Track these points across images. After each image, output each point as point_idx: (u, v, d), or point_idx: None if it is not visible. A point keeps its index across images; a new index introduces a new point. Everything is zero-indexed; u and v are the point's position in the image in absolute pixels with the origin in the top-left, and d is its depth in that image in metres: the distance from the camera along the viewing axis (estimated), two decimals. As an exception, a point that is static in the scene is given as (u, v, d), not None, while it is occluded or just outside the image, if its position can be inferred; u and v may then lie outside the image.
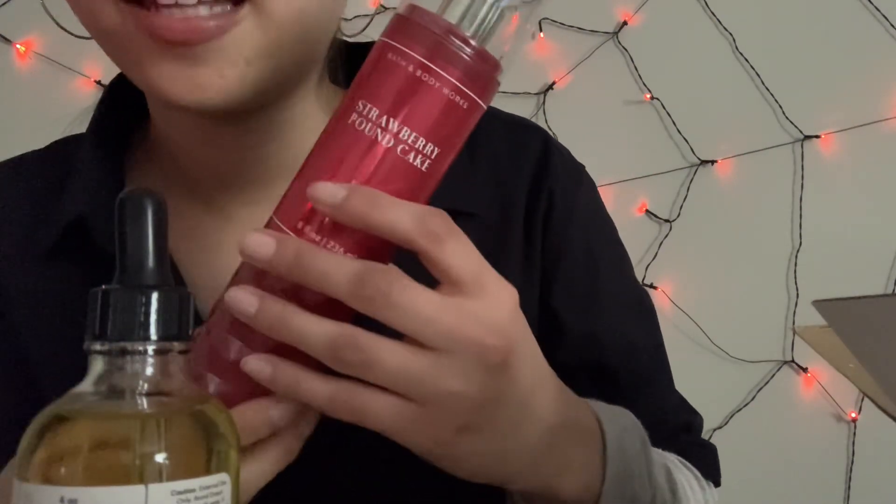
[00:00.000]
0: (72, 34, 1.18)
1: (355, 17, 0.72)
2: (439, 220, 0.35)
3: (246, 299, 0.35)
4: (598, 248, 0.58)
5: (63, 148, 0.58)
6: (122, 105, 0.55)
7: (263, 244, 0.35)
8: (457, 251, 0.35)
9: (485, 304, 0.35)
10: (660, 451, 0.54)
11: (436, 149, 0.36)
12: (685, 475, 0.53)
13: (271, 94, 0.47)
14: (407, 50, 0.36)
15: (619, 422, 0.47)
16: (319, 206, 0.35)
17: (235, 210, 0.53)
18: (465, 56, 0.36)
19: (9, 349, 0.53)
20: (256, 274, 0.37)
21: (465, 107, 0.36)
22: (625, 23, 1.31)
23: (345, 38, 0.57)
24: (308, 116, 0.53)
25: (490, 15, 0.36)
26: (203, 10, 0.41)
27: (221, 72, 0.42)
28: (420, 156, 0.36)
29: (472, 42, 0.36)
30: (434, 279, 0.35)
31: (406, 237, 0.34)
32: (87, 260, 0.51)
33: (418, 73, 0.35)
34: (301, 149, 0.52)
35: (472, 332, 0.34)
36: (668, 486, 0.50)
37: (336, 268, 0.34)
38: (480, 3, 0.36)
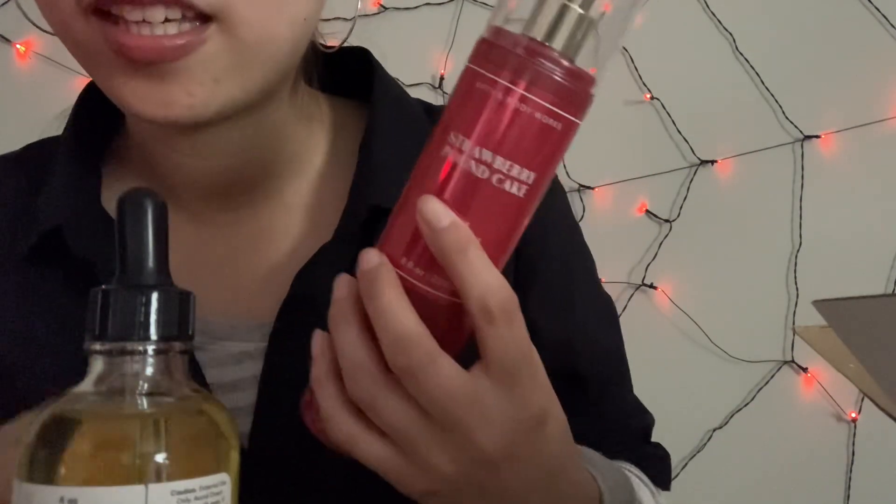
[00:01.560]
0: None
1: (355, 17, 0.72)
2: (499, 300, 0.34)
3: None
4: (571, 256, 0.59)
5: (39, 151, 0.57)
6: (98, 110, 0.55)
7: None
8: (503, 337, 0.34)
9: (506, 399, 0.35)
10: (626, 466, 0.55)
11: (532, 174, 0.35)
12: (646, 495, 0.53)
13: (242, 108, 0.46)
14: (494, 77, 0.34)
15: (611, 478, 0.47)
16: (419, 219, 0.35)
17: (212, 216, 0.53)
18: (555, 76, 0.34)
19: None
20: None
21: (559, 128, 0.35)
22: (625, 23, 1.31)
23: (320, 44, 0.56)
24: (283, 124, 0.52)
25: (578, 27, 0.35)
26: (171, 28, 0.40)
27: (189, 90, 0.42)
28: (517, 183, 0.35)
29: (562, 60, 0.35)
30: None
31: (465, 300, 0.34)
32: (65, 265, 0.51)
33: (508, 99, 0.34)
34: (276, 155, 0.53)
35: (475, 425, 0.35)
36: None
37: (391, 320, 0.35)
38: (567, 16, 0.35)
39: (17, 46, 1.25)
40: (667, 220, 1.32)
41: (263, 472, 0.49)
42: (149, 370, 0.31)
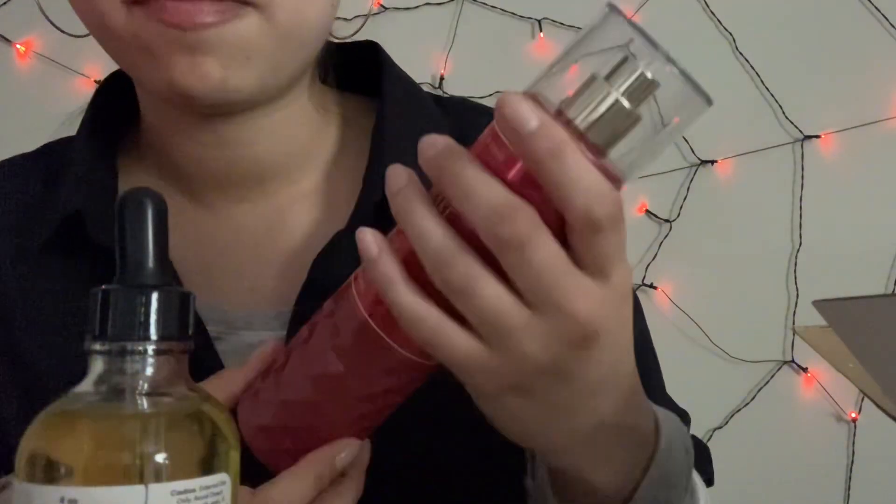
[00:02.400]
0: (69, 34, 1.18)
1: (355, 17, 0.72)
2: (607, 208, 0.32)
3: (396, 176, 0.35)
4: None
5: (54, 148, 0.59)
6: (113, 106, 0.56)
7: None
8: (610, 244, 0.33)
9: (598, 286, 0.34)
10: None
11: None
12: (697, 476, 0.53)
13: (268, 93, 0.49)
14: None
15: (670, 426, 0.46)
16: (500, 124, 0.32)
17: (226, 206, 0.54)
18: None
19: (5, 348, 0.53)
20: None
21: None
22: (625, 23, 1.31)
23: (333, 39, 0.57)
24: (300, 116, 0.54)
25: (614, 116, 0.32)
26: (206, 6, 0.43)
27: (223, 63, 0.44)
28: None
29: (590, 153, 0.32)
30: None
31: (565, 211, 0.32)
32: (83, 254, 0.51)
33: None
34: (293, 146, 0.54)
35: (571, 307, 0.33)
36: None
37: (487, 190, 0.32)
38: (614, 108, 0.32)
39: (17, 46, 1.25)
40: (667, 220, 1.32)
41: None
42: (149, 370, 0.31)
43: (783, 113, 1.31)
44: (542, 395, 0.36)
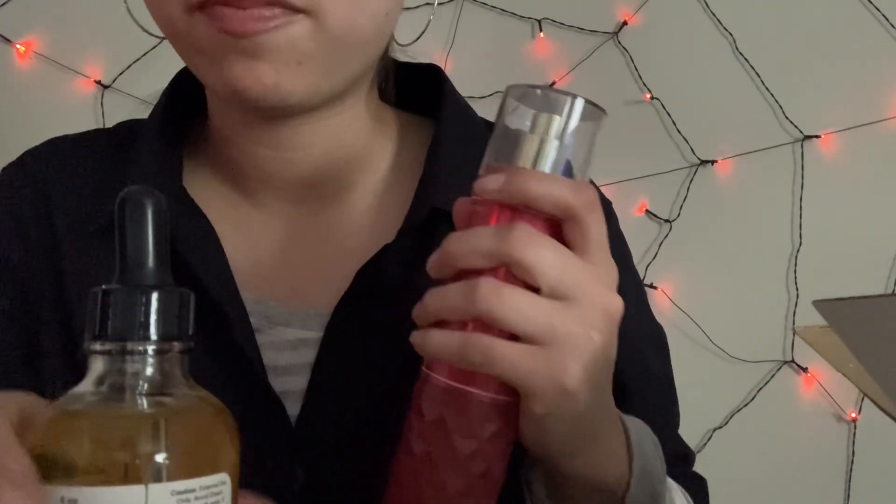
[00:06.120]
0: (73, 34, 1.18)
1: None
2: (591, 192, 0.39)
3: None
4: (623, 277, 0.59)
5: (128, 129, 0.60)
6: (184, 99, 0.58)
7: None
8: (598, 219, 0.40)
9: (603, 269, 0.40)
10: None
11: None
12: (679, 496, 0.53)
13: (322, 97, 0.50)
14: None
15: (634, 421, 0.48)
16: (487, 196, 0.40)
17: (279, 207, 0.56)
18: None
19: (60, 304, 0.54)
20: None
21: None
22: (625, 23, 1.31)
23: (395, 58, 0.60)
24: (357, 124, 0.55)
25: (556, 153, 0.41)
26: (258, 12, 0.45)
27: (276, 67, 0.46)
28: None
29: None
30: None
31: (564, 204, 0.39)
32: None
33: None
34: (348, 155, 0.56)
35: (595, 286, 0.39)
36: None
37: (472, 244, 0.39)
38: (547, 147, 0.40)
39: (17, 46, 1.25)
40: (667, 220, 1.32)
41: (308, 456, 0.51)
42: (149, 370, 0.31)
43: (783, 113, 1.31)
44: (595, 375, 0.39)
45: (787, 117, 1.31)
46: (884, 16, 1.30)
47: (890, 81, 1.31)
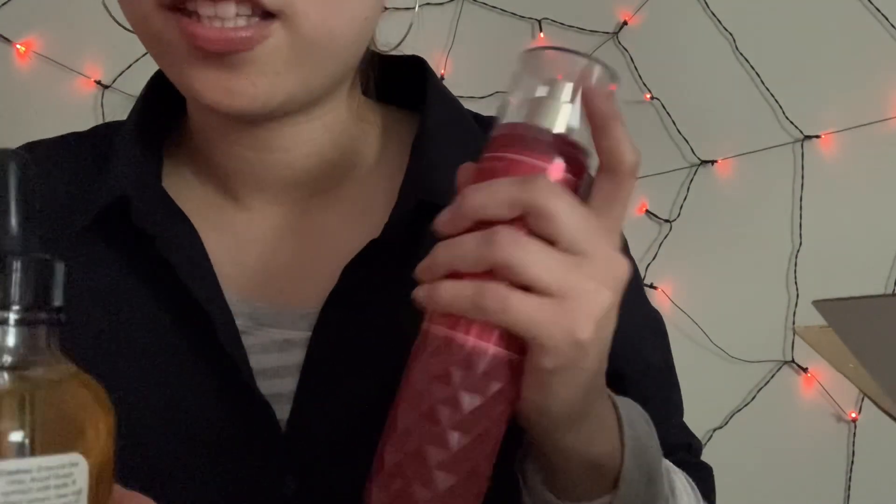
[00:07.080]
0: (73, 33, 1.18)
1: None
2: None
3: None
4: None
5: (105, 131, 0.59)
6: (162, 99, 0.57)
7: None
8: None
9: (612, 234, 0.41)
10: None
11: None
12: (680, 478, 0.53)
13: (301, 102, 0.49)
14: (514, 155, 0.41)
15: (624, 399, 0.48)
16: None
17: (263, 207, 0.55)
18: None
19: None
20: None
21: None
22: (625, 23, 1.31)
23: (379, 51, 0.59)
24: (338, 125, 0.54)
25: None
26: (241, 22, 0.44)
27: (253, 81, 0.45)
28: None
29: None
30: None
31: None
32: (120, 241, 0.52)
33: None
34: (331, 154, 0.55)
35: (607, 247, 0.39)
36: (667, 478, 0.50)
37: (494, 193, 0.38)
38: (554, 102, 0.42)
39: (17, 46, 1.25)
40: (667, 220, 1.32)
41: (299, 462, 0.50)
42: (11, 341, 0.29)
43: (783, 113, 1.31)
44: (594, 347, 0.39)
45: (787, 117, 1.31)
46: (884, 16, 1.30)
47: (890, 81, 1.31)
